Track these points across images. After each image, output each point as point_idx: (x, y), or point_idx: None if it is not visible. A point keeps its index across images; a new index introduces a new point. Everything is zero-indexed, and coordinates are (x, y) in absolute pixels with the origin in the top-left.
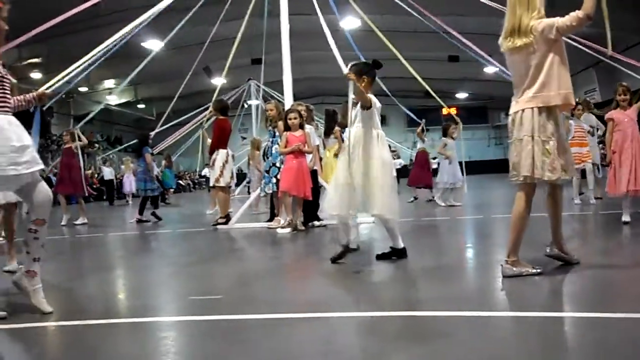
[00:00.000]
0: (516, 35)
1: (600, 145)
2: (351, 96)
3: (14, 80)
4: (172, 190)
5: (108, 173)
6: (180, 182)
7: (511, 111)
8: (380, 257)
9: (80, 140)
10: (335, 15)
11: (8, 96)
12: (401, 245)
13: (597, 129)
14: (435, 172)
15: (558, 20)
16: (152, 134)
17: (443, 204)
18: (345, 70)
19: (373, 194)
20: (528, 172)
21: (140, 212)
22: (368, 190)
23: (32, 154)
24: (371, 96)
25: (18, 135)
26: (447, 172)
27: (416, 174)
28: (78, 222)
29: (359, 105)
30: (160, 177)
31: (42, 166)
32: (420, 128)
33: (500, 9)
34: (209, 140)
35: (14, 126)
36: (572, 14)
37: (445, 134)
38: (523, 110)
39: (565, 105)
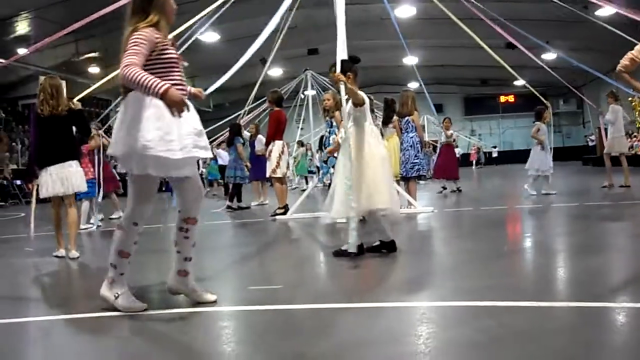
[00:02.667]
0: None
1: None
2: (344, 96)
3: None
4: (218, 182)
5: None
6: None
7: None
8: (370, 249)
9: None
10: (385, 4)
11: (184, 81)
12: (390, 237)
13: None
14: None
15: None
16: (243, 122)
17: (534, 193)
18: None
19: (379, 190)
20: None
21: (231, 199)
22: (372, 186)
23: (207, 140)
24: (361, 93)
25: (196, 119)
26: (538, 159)
27: (441, 167)
28: (114, 216)
29: (349, 103)
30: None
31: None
32: (446, 120)
33: None
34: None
35: (193, 110)
36: None
37: (539, 118)
38: None
39: None
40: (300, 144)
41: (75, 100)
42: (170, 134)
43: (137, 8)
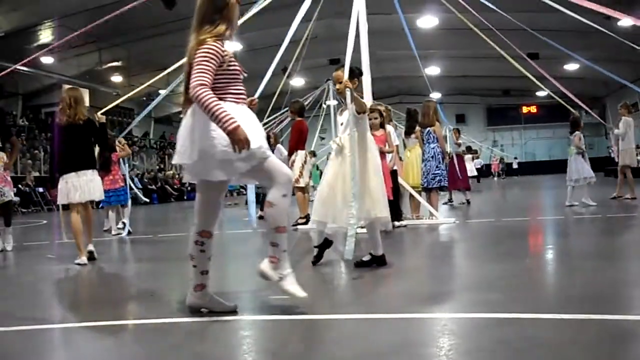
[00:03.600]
0: None
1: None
2: (350, 104)
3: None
4: (236, 192)
5: None
6: None
7: None
8: (359, 264)
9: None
10: (399, 14)
11: (245, 92)
12: (381, 252)
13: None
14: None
15: None
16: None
17: (576, 203)
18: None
19: (377, 199)
20: None
21: (262, 209)
22: (375, 195)
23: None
24: (363, 100)
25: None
26: (579, 169)
27: (451, 178)
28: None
29: (346, 111)
30: None
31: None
32: (454, 130)
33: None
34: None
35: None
36: None
37: (577, 127)
38: None
39: None
40: (313, 154)
41: (99, 113)
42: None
43: (206, 18)
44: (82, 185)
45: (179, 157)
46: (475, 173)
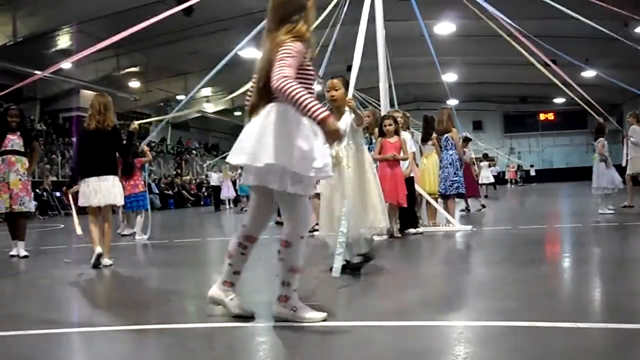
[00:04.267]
0: None
1: None
2: (350, 117)
3: None
4: (247, 198)
5: (215, 179)
6: None
7: None
8: (352, 267)
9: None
10: (419, 20)
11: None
12: (365, 250)
13: None
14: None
15: None
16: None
17: (608, 211)
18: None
19: (377, 209)
20: None
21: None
22: (374, 207)
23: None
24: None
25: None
26: (605, 176)
27: (468, 185)
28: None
29: (349, 123)
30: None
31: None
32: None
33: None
34: None
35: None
36: None
37: (602, 133)
38: None
39: None
40: None
41: (136, 123)
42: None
43: (285, 18)
44: (102, 190)
45: (246, 158)
46: (492, 180)
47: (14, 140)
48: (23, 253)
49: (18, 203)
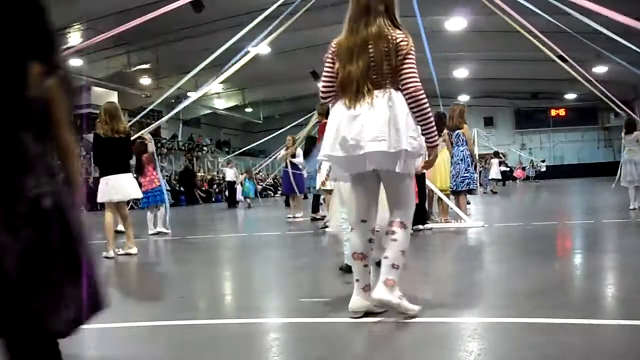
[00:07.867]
0: None
1: None
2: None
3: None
4: (249, 198)
5: (231, 174)
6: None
7: None
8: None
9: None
10: (417, 17)
11: None
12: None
13: None
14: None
15: None
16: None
17: (637, 206)
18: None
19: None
20: None
21: (314, 211)
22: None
23: None
24: None
25: None
26: (631, 172)
27: None
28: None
29: None
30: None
31: None
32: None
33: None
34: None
35: None
36: None
37: (635, 128)
38: None
39: None
40: None
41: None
42: None
43: (391, 6)
44: (121, 186)
45: (387, 144)
46: (499, 177)
47: None
48: None
49: None
